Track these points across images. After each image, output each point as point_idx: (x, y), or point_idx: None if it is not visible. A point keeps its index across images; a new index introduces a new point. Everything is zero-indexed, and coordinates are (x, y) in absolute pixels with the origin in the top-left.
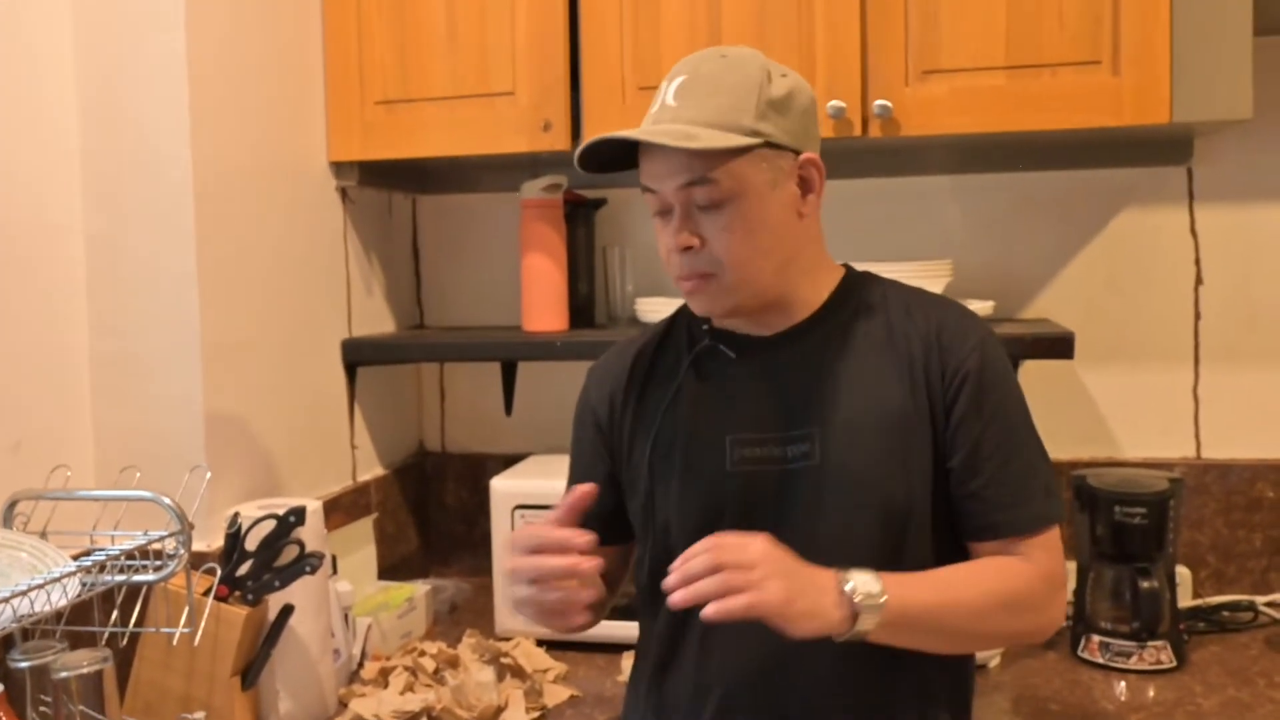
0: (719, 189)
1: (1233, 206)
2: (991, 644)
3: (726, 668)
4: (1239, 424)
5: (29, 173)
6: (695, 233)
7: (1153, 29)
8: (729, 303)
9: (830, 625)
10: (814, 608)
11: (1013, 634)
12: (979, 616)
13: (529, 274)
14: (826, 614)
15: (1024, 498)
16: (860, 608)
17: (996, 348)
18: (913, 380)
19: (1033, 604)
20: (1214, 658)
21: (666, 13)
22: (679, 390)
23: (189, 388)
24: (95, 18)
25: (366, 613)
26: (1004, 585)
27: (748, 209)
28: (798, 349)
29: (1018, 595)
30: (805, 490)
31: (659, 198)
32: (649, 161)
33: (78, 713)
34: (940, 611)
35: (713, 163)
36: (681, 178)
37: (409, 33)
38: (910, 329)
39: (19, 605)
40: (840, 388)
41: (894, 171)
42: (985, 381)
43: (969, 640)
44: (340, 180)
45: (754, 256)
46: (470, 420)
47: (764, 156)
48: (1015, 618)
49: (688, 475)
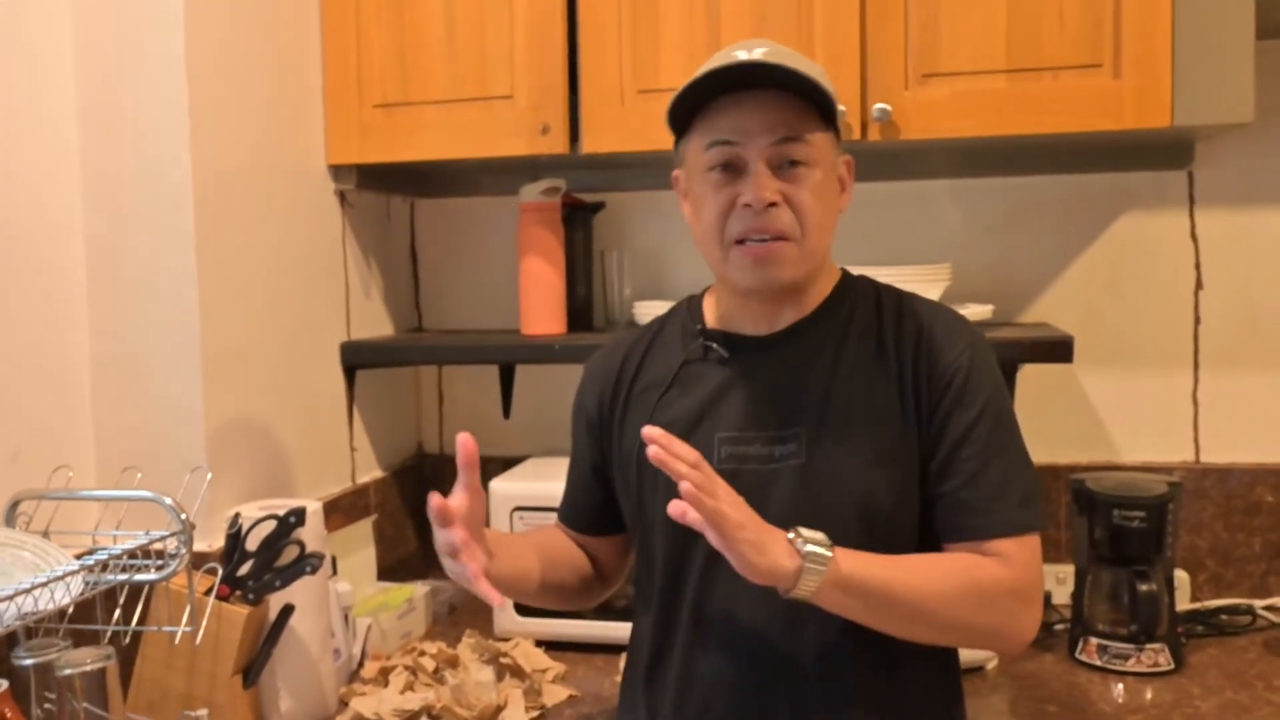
0: (811, 150)
1: (1234, 211)
2: (951, 636)
3: (715, 662)
4: (1238, 428)
5: (29, 175)
6: (779, 189)
7: (1154, 32)
8: (797, 272)
9: (776, 569)
10: (762, 542)
11: (973, 628)
12: (936, 600)
13: (527, 277)
14: (773, 554)
15: (998, 503)
16: (807, 558)
17: (986, 353)
18: (901, 383)
19: (996, 602)
20: (1212, 661)
21: (665, 16)
22: (669, 389)
23: (189, 389)
24: (95, 20)
25: (366, 613)
26: (965, 575)
27: (822, 180)
28: (791, 349)
29: (979, 588)
30: (790, 489)
31: (732, 152)
32: (738, 113)
33: (81, 710)
34: (891, 585)
35: (811, 126)
36: (778, 132)
37: (407, 35)
38: (901, 332)
39: (23, 603)
40: (830, 389)
41: (893, 175)
42: (971, 384)
43: (924, 624)
44: (339, 183)
45: (824, 226)
46: (469, 423)
47: (833, 142)
48: (976, 612)
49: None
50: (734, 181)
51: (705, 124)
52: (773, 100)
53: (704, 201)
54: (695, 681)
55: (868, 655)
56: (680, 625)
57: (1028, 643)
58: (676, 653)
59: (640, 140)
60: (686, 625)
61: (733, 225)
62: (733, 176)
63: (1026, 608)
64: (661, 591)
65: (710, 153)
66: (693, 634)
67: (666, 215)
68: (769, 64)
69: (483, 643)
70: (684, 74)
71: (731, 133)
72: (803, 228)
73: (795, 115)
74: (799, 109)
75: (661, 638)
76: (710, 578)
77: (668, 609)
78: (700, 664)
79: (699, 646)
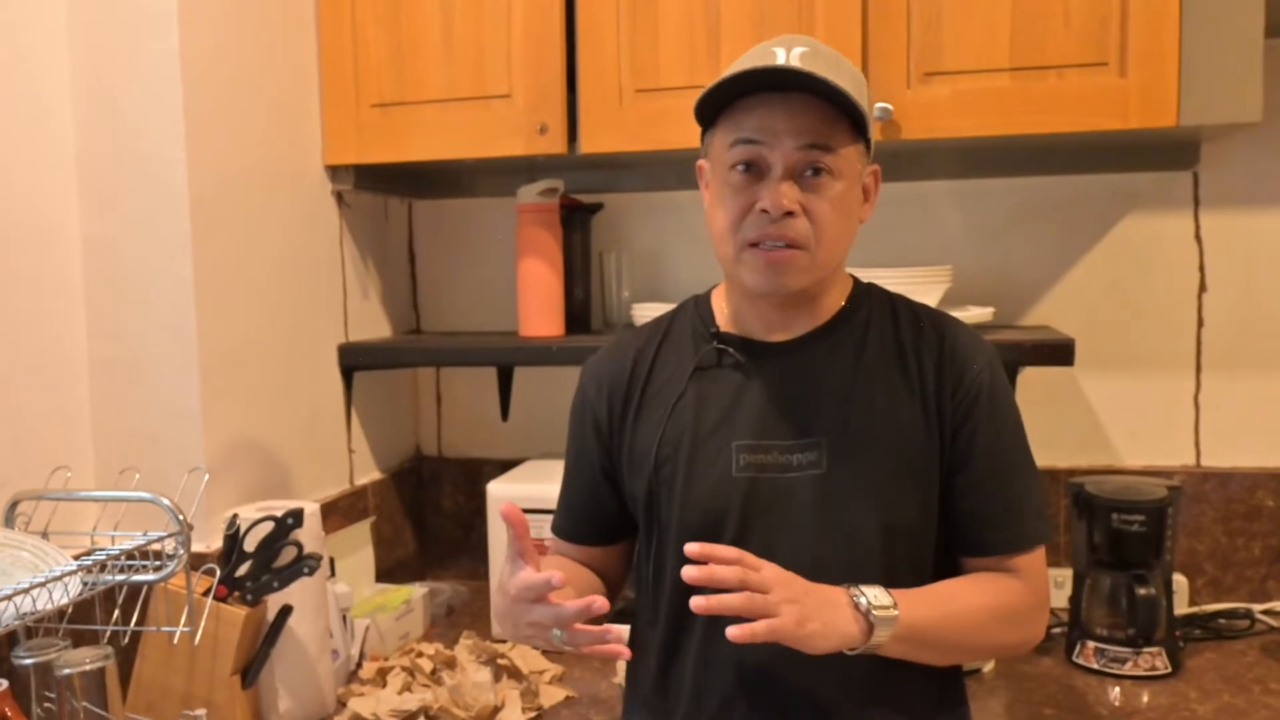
0: (836, 159)
1: (1239, 212)
2: (983, 656)
3: (729, 667)
4: (1240, 432)
5: (25, 177)
6: (797, 199)
7: (1161, 30)
8: (806, 281)
9: (846, 640)
10: (827, 626)
11: (1002, 647)
12: (978, 630)
13: (525, 279)
14: (842, 629)
15: (1018, 518)
16: (875, 620)
17: (1001, 369)
18: (924, 395)
19: (1023, 619)
20: (1209, 664)
21: (664, 14)
22: (684, 393)
23: (187, 391)
24: (89, 21)
25: (364, 614)
26: (1000, 600)
27: (844, 191)
28: (808, 356)
29: (1011, 610)
30: (810, 500)
31: (756, 151)
32: (767, 113)
33: (81, 709)
34: (946, 624)
35: (840, 135)
36: (805, 139)
37: (404, 35)
38: (921, 345)
39: (21, 603)
40: (850, 399)
41: (894, 176)
42: (992, 402)
43: (966, 652)
44: (336, 184)
45: (840, 239)
46: (467, 425)
47: (861, 152)
48: (1007, 632)
49: (691, 479)
50: (754, 184)
51: (733, 120)
52: (803, 104)
53: (722, 200)
54: (711, 684)
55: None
56: (694, 629)
57: (1035, 644)
58: (690, 656)
59: (639, 140)
60: (701, 628)
61: (748, 228)
62: (754, 178)
63: (1042, 615)
64: (672, 599)
65: (735, 150)
66: (707, 637)
67: (665, 216)
68: (802, 71)
69: (480, 644)
70: (683, 74)
71: (758, 132)
72: (817, 238)
73: (824, 123)
74: (829, 117)
75: (674, 641)
76: None
77: (679, 618)
78: (716, 667)
79: (715, 649)
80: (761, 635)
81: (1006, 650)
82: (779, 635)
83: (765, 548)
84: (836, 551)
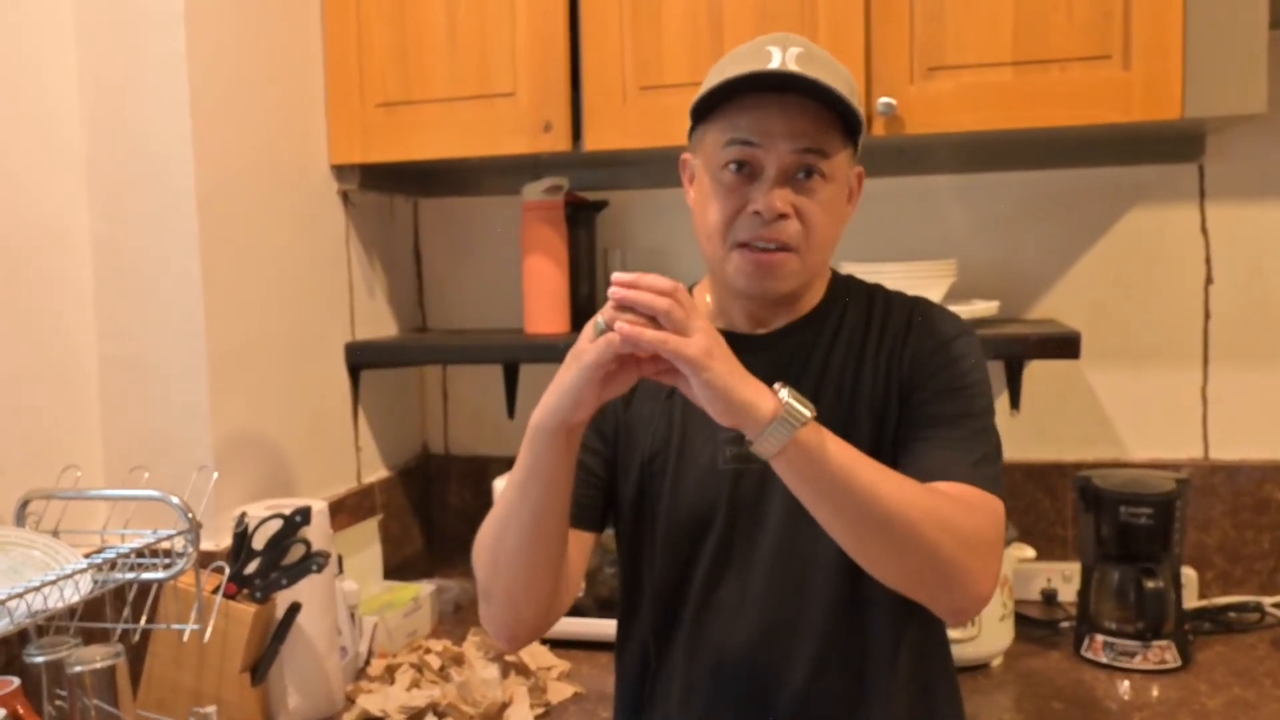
0: (829, 163)
1: (1245, 204)
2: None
3: (716, 662)
4: (1248, 424)
5: (34, 178)
6: (790, 201)
7: (1165, 21)
8: (795, 283)
9: (747, 405)
10: (735, 378)
11: (925, 551)
12: (896, 501)
13: (530, 276)
14: (748, 394)
15: (965, 455)
16: (786, 409)
17: (972, 344)
18: (889, 368)
19: (955, 532)
20: (1219, 658)
21: (667, 12)
22: (674, 389)
23: (196, 390)
24: (96, 22)
25: (372, 611)
26: (932, 497)
27: (834, 194)
28: (789, 347)
29: (939, 510)
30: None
31: (750, 152)
32: (762, 114)
33: (92, 707)
34: (856, 470)
35: (833, 139)
36: (800, 142)
37: (409, 34)
38: (889, 322)
39: (33, 601)
40: (827, 385)
41: (898, 170)
42: (951, 360)
43: (876, 528)
44: (342, 183)
45: (829, 241)
46: (473, 423)
47: (850, 156)
48: (930, 531)
49: (680, 474)
50: (746, 184)
51: (727, 119)
52: (799, 107)
53: (713, 199)
54: (699, 679)
55: (872, 647)
56: (683, 624)
57: (981, 600)
58: (678, 651)
59: (643, 137)
60: (688, 624)
61: (739, 229)
62: (746, 179)
63: (983, 560)
64: (658, 596)
65: (728, 149)
66: (694, 632)
67: (669, 213)
68: (802, 76)
69: (488, 641)
70: (686, 70)
71: (753, 134)
72: (808, 241)
73: (819, 126)
74: (824, 120)
75: (664, 636)
76: (714, 581)
77: (665, 615)
78: (703, 661)
79: (702, 644)
80: (652, 339)
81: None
82: (680, 353)
83: (750, 539)
84: (819, 540)
